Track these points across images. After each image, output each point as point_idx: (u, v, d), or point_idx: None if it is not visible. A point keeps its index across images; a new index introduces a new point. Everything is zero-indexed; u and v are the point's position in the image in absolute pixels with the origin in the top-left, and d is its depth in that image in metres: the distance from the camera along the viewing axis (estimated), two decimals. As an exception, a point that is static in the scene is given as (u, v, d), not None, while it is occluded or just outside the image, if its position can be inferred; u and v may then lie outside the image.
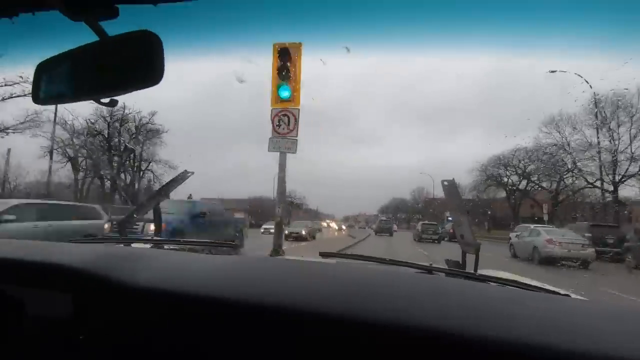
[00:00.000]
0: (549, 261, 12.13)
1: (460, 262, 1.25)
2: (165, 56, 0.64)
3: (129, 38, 0.66)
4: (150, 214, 1.83)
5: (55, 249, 0.98)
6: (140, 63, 0.65)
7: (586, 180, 27.45)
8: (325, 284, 0.76)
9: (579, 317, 0.67)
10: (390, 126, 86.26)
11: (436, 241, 22.62)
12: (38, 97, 0.75)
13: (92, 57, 0.69)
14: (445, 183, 1.40)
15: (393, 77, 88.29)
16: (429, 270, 1.10)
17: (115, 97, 0.72)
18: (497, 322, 0.58)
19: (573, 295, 0.97)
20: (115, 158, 32.36)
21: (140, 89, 0.67)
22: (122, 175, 32.15)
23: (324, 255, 1.25)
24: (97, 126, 31.85)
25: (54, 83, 0.75)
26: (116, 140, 32.94)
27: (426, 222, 27.16)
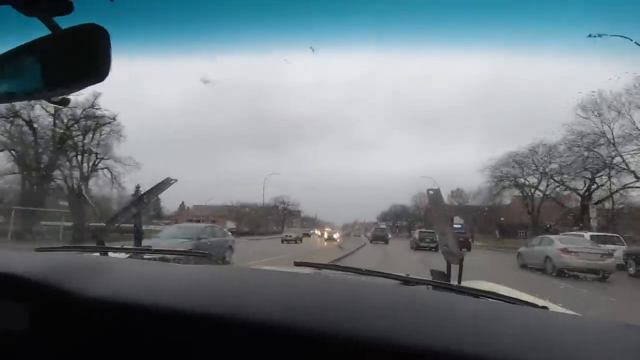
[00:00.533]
0: (564, 273, 11.18)
1: (445, 273, 1.27)
2: (128, 55, 0.71)
3: (76, 32, 0.63)
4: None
5: (16, 257, 0.96)
6: (87, 58, 0.62)
7: (636, 176, 22.89)
8: (295, 297, 0.73)
9: (555, 331, 0.66)
10: (390, 132, 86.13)
11: (434, 249, 21.91)
12: None
13: (40, 53, 0.66)
14: (431, 192, 1.44)
15: (393, 82, 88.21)
16: (408, 281, 1.10)
17: (67, 96, 0.70)
18: (473, 337, 0.58)
19: (551, 307, 0.97)
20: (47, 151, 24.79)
21: (87, 85, 0.65)
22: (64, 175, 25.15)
23: (298, 264, 1.24)
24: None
25: (3, 81, 0.70)
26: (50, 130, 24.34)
27: (423, 229, 26.77)
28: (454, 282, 1.21)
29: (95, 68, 0.61)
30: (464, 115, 72.56)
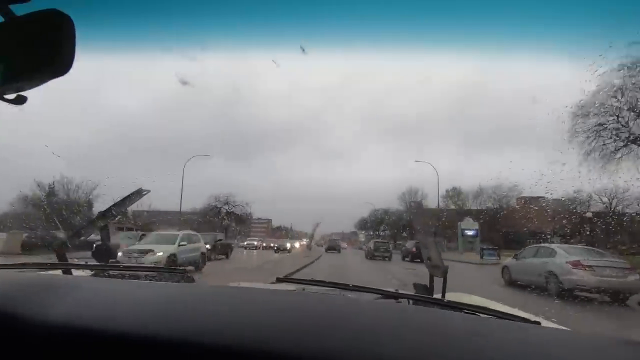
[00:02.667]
0: (573, 293, 8.43)
1: (428, 286, 1.26)
2: (95, 47, 0.66)
3: (35, 19, 0.59)
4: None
5: None
6: (47, 48, 0.57)
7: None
8: (280, 317, 0.70)
9: (549, 347, 0.65)
10: (367, 139, 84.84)
11: (387, 259, 23.04)
12: None
13: None
14: (412, 204, 0.99)
15: (368, 89, 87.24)
16: (395, 296, 1.08)
17: (23, 93, 0.63)
18: (466, 356, 0.57)
19: (544, 322, 0.95)
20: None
21: (46, 80, 0.58)
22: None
23: (280, 280, 1.23)
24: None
25: None
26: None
27: (378, 240, 28.61)
28: (437, 295, 1.22)
29: (55, 59, 0.55)
30: (440, 122, 72.20)
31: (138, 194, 1.69)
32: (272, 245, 35.58)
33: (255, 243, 27.97)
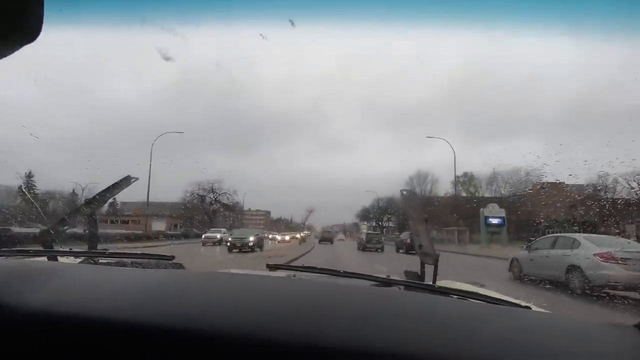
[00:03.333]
0: (602, 290, 7.14)
1: (419, 274, 1.27)
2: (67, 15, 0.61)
3: None
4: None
5: None
6: (11, 11, 0.52)
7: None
8: (271, 304, 0.69)
9: (539, 332, 0.66)
10: (368, 129, 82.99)
11: (379, 250, 23.00)
12: None
13: None
14: (405, 192, 1.48)
15: (368, 77, 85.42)
16: (387, 282, 1.07)
17: None
18: (458, 340, 0.58)
19: (534, 308, 0.93)
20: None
21: (14, 47, 0.53)
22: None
23: (271, 267, 1.22)
24: None
25: None
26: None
27: (370, 231, 28.64)
28: (428, 282, 1.21)
29: (21, 21, 0.50)
30: (444, 110, 70.32)
31: (126, 181, 1.64)
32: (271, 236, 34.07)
33: (219, 236, 24.21)
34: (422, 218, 1.53)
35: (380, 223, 55.49)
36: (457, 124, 68.98)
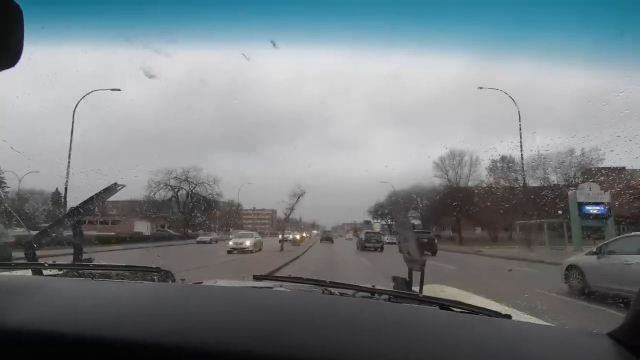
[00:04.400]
0: None
1: (407, 279, 1.28)
2: (51, 37, 0.68)
3: None
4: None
5: None
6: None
7: None
8: (255, 317, 0.69)
9: (517, 342, 0.67)
10: (376, 127, 79.49)
11: (379, 249, 22.71)
12: None
13: None
14: (393, 198, 1.55)
15: (374, 74, 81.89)
16: (372, 292, 1.07)
17: None
18: (438, 351, 0.59)
19: (515, 316, 0.94)
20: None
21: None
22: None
23: (257, 278, 1.21)
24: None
25: None
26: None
27: (369, 231, 28.57)
28: (416, 287, 1.25)
29: (5, 50, 0.52)
30: (450, 107, 65.89)
31: (112, 189, 1.65)
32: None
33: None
34: (408, 224, 1.62)
35: (388, 224, 49.89)
36: (462, 124, 64.35)
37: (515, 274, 10.61)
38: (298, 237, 32.60)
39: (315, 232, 55.48)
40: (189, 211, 34.72)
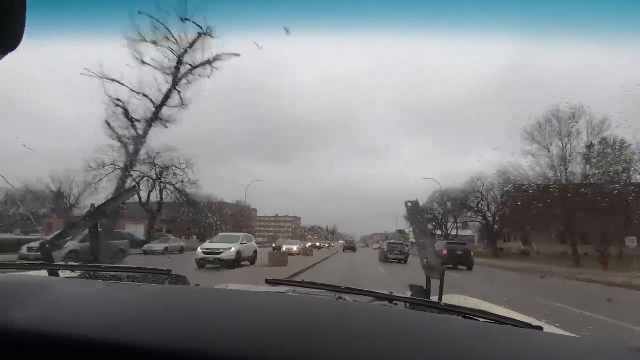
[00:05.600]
0: None
1: (425, 288, 1.22)
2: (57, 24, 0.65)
3: None
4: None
5: None
6: None
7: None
8: (270, 323, 0.67)
9: (551, 353, 0.63)
10: (407, 133, 73.92)
11: (403, 261, 20.74)
12: None
13: None
14: (409, 204, 1.35)
15: (403, 76, 76.62)
16: (390, 299, 1.01)
17: None
18: None
19: (546, 328, 0.86)
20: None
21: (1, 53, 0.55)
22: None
23: (270, 282, 1.15)
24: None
25: None
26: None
27: (392, 241, 26.63)
28: (434, 297, 1.19)
29: (7, 33, 0.51)
30: (485, 111, 59.34)
31: (131, 191, 2.12)
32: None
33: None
34: (428, 231, 1.45)
35: (442, 226, 41.59)
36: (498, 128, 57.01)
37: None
38: (307, 245, 27.68)
39: (341, 242, 55.19)
40: (157, 208, 28.04)
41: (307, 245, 27.97)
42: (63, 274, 1.19)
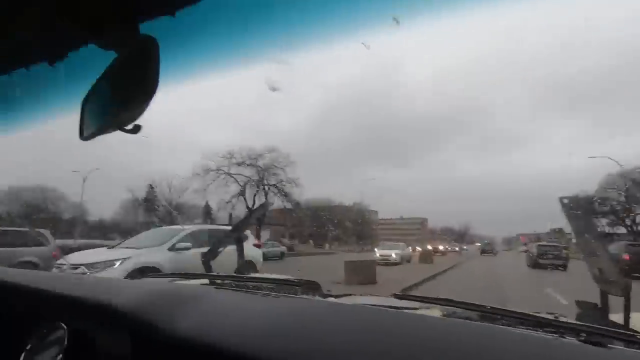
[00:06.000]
0: None
1: (599, 306, 0.98)
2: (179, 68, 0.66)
3: (131, 48, 0.60)
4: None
5: (121, 286, 1.05)
6: (142, 74, 0.58)
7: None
8: (397, 347, 0.61)
9: None
10: (553, 115, 60.53)
11: (560, 267, 16.75)
12: (82, 133, 0.71)
13: (109, 80, 0.65)
14: (565, 200, 1.07)
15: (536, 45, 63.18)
16: (555, 326, 0.74)
17: (138, 123, 0.65)
18: None
19: None
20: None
21: (147, 102, 0.59)
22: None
23: (398, 297, 1.07)
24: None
25: (94, 115, 0.69)
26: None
27: (544, 243, 21.47)
28: (614, 316, 0.94)
29: (151, 83, 0.56)
30: None
31: (264, 207, 3.43)
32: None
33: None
34: (596, 231, 1.13)
35: (624, 220, 30.14)
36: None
37: None
38: (416, 248, 24.04)
39: (477, 244, 50.56)
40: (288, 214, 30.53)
41: (422, 249, 24.02)
42: (212, 283, 1.27)
